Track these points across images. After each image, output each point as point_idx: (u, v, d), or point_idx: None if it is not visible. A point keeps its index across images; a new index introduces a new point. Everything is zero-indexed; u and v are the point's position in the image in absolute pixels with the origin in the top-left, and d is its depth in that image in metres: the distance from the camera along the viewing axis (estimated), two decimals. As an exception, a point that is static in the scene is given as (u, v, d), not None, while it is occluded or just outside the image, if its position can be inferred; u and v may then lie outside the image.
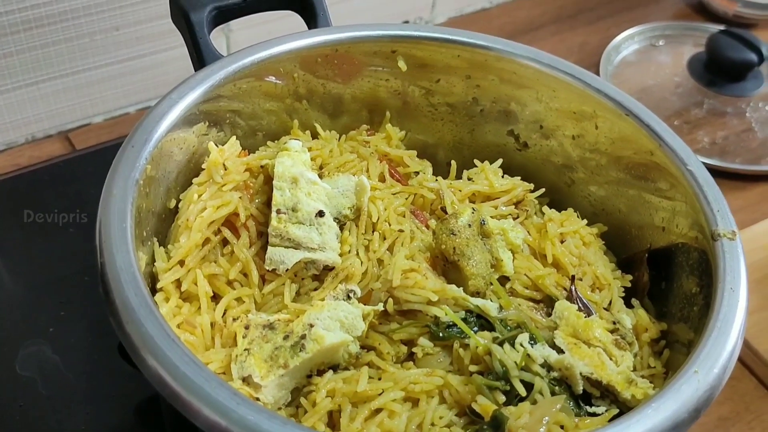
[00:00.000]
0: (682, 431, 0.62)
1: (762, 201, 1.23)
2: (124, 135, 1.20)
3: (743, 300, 0.68)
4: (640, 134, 0.82)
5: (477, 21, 1.50)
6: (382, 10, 1.41)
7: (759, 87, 1.37)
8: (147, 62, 1.27)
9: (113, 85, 1.26)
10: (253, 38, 0.89)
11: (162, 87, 1.30)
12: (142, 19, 1.22)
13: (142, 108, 1.30)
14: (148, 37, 1.25)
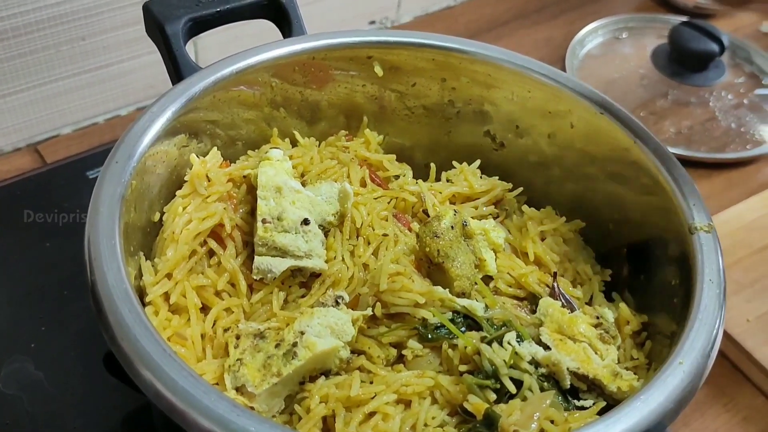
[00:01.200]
0: (669, 421, 0.64)
1: (727, 188, 1.26)
2: (94, 146, 1.22)
3: (721, 291, 0.70)
4: (615, 131, 0.84)
5: (442, 19, 1.51)
6: (349, 10, 1.41)
7: (721, 76, 1.40)
8: (114, 71, 1.26)
9: (81, 96, 1.25)
10: (221, 41, 0.89)
11: (130, 95, 1.29)
12: (108, 28, 1.22)
13: (111, 117, 1.29)
14: (115, 45, 1.24)
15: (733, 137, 1.31)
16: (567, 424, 0.69)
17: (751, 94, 1.39)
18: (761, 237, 1.15)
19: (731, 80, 1.41)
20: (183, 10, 0.85)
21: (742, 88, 1.40)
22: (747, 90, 1.40)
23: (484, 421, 0.68)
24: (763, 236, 1.15)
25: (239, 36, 1.10)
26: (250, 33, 0.95)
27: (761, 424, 0.98)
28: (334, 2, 1.37)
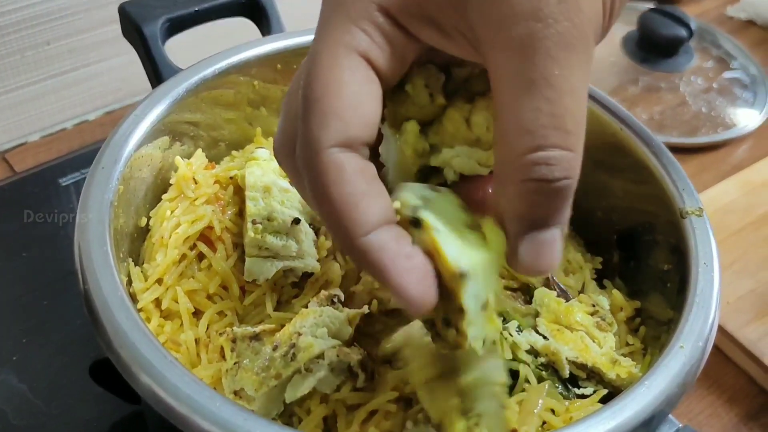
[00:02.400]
0: (673, 405, 0.64)
1: (701, 172, 1.28)
2: (64, 152, 1.20)
3: (717, 273, 0.71)
4: (600, 119, 0.84)
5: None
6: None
7: (690, 61, 1.41)
8: (81, 75, 1.25)
9: (48, 101, 1.23)
10: (189, 37, 0.88)
11: (98, 99, 1.28)
12: (73, 32, 1.20)
13: (79, 122, 1.27)
14: (81, 49, 1.22)
15: (704, 121, 1.33)
16: (568, 413, 0.69)
17: (720, 77, 1.41)
18: (737, 219, 1.17)
19: (700, 65, 1.42)
20: (160, 10, 0.83)
21: (710, 72, 1.42)
22: (715, 74, 1.41)
23: None
24: (738, 218, 1.17)
25: (209, 32, 1.08)
26: (218, 34, 0.94)
27: (745, 405, 0.99)
28: (312, 4, 1.36)
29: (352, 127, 0.50)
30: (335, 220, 0.50)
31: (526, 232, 0.52)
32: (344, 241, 0.51)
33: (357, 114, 0.50)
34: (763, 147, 1.32)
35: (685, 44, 1.39)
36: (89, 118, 1.28)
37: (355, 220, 0.50)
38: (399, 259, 0.50)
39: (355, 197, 0.50)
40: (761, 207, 1.19)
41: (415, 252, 0.51)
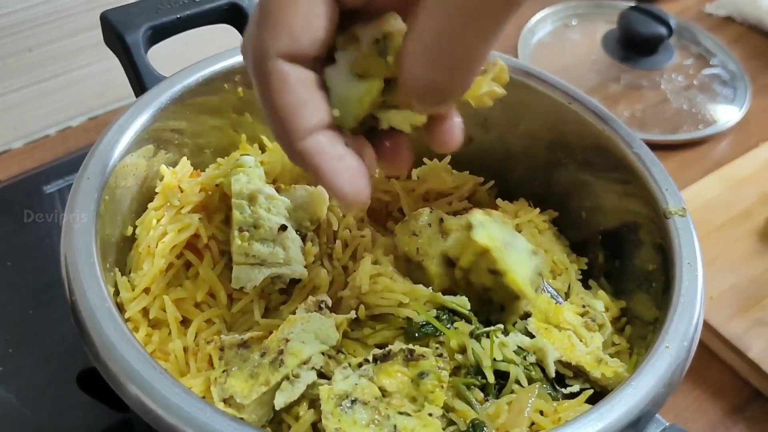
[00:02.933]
0: (660, 405, 0.65)
1: (683, 169, 1.29)
2: (47, 159, 1.19)
3: (701, 273, 0.72)
4: (584, 121, 0.85)
5: (394, 14, 1.50)
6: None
7: (670, 59, 1.43)
8: (63, 81, 1.24)
9: (31, 108, 1.23)
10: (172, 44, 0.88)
11: (81, 105, 1.27)
12: (55, 38, 1.19)
13: (62, 129, 1.27)
14: (63, 55, 1.22)
15: (685, 118, 1.34)
16: (557, 414, 0.70)
17: (700, 74, 1.42)
18: (719, 215, 1.18)
19: (680, 62, 1.43)
20: (142, 18, 0.83)
21: (691, 69, 1.43)
22: (696, 71, 1.43)
23: (471, 429, 0.68)
24: (720, 214, 1.18)
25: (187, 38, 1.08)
26: (202, 40, 0.94)
27: (730, 399, 1.00)
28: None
29: (301, 42, 0.54)
30: (278, 125, 0.56)
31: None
32: (285, 144, 0.57)
33: (307, 31, 0.54)
34: (744, 143, 1.33)
35: (665, 42, 1.41)
36: (72, 124, 1.27)
37: (294, 126, 0.56)
38: (333, 161, 0.57)
39: (296, 105, 0.55)
40: (743, 202, 1.20)
41: (347, 153, 0.58)
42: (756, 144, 1.32)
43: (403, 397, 0.68)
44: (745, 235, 1.16)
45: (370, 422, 0.65)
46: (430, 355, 0.69)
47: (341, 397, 0.66)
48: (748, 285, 1.09)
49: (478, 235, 0.75)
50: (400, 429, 0.65)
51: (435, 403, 0.68)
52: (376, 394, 0.67)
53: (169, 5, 0.84)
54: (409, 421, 0.65)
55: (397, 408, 0.67)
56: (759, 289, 1.08)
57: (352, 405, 0.65)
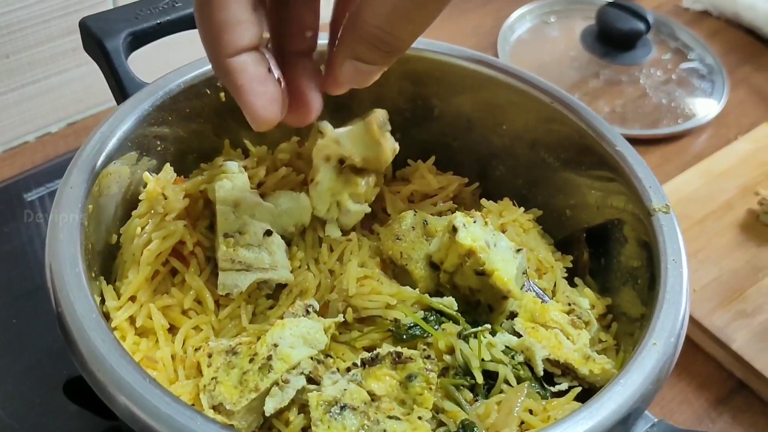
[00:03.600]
0: (648, 402, 0.65)
1: (663, 163, 1.29)
2: (27, 167, 1.18)
3: (685, 269, 0.72)
4: (566, 119, 0.85)
5: (372, 13, 1.50)
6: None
7: (649, 54, 1.43)
8: (42, 87, 1.23)
9: (10, 114, 1.22)
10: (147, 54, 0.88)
11: (60, 111, 1.26)
12: (33, 44, 1.18)
13: (41, 135, 1.26)
14: (41, 61, 1.21)
15: (664, 113, 1.35)
16: (546, 412, 0.70)
17: (678, 69, 1.43)
18: (700, 208, 1.19)
19: (658, 57, 1.44)
20: (122, 24, 0.82)
21: (669, 63, 1.44)
22: (674, 65, 1.44)
23: (462, 430, 0.68)
24: (701, 207, 1.19)
25: (169, 48, 1.08)
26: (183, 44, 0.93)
27: (715, 390, 1.01)
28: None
29: None
30: (209, 39, 0.60)
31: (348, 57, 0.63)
32: (213, 59, 0.60)
33: None
34: (723, 136, 1.35)
35: (643, 37, 1.41)
36: (52, 130, 1.27)
37: (225, 42, 0.59)
38: (254, 83, 0.60)
39: (230, 23, 0.58)
40: (723, 195, 1.21)
41: (269, 78, 0.61)
42: (734, 137, 1.33)
43: (392, 400, 0.68)
44: (726, 227, 1.17)
45: (360, 428, 0.65)
46: (417, 358, 0.70)
47: (330, 404, 0.66)
48: (730, 277, 1.10)
49: (462, 237, 0.75)
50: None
51: (424, 406, 0.68)
52: (365, 398, 0.67)
53: (149, 11, 0.84)
54: (399, 425, 0.65)
55: (387, 412, 0.67)
56: (741, 281, 1.09)
57: (342, 411, 0.65)
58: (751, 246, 1.14)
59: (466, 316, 0.76)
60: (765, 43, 1.53)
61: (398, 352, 0.70)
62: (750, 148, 1.29)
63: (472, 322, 0.76)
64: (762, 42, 1.53)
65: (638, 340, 0.68)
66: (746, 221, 1.18)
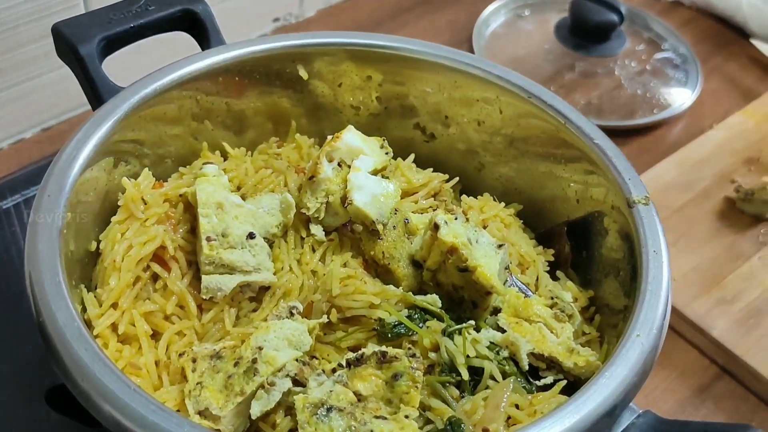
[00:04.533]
0: (634, 394, 0.66)
1: (641, 153, 1.30)
2: (2, 174, 1.17)
3: (666, 260, 0.73)
4: (544, 114, 0.85)
5: (347, 11, 1.50)
6: (250, 10, 1.39)
7: (623, 45, 1.44)
8: (14, 93, 1.22)
9: (-18, 122, 1.20)
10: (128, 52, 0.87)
11: (34, 117, 1.25)
12: (4, 50, 1.17)
13: (15, 141, 1.24)
14: (13, 67, 1.19)
15: (640, 103, 1.36)
16: (532, 407, 0.71)
17: (653, 59, 1.44)
18: (678, 197, 1.20)
19: (632, 48, 1.45)
20: (95, 29, 0.82)
21: (643, 54, 1.44)
22: (648, 56, 1.44)
23: (449, 427, 0.69)
24: (679, 196, 1.20)
25: (144, 51, 1.07)
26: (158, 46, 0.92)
27: (697, 378, 1.02)
28: (235, 3, 1.35)
29: None
30: None
31: None
32: None
33: None
34: (698, 124, 1.35)
35: (616, 29, 1.42)
36: (26, 137, 1.25)
37: None
38: None
39: None
40: (700, 183, 1.22)
41: None
42: (710, 125, 1.34)
43: (379, 400, 0.68)
44: (705, 215, 1.18)
45: (347, 429, 0.65)
46: (402, 356, 0.70)
47: (317, 406, 0.66)
48: (709, 265, 1.11)
49: (444, 234, 0.75)
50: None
51: (410, 404, 0.68)
52: (351, 399, 0.67)
53: (122, 15, 0.83)
54: (386, 424, 0.65)
55: (373, 412, 0.67)
56: (720, 269, 1.10)
57: (328, 413, 0.65)
58: (729, 233, 1.15)
59: (450, 313, 0.76)
60: (737, 32, 1.54)
61: (383, 352, 0.70)
62: (725, 136, 1.30)
63: (456, 319, 0.76)
64: (734, 30, 1.54)
65: (622, 332, 0.69)
66: (724, 209, 1.19)
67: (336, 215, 0.81)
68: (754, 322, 1.04)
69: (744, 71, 1.47)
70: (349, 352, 0.74)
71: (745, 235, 1.16)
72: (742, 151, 1.27)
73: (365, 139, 0.85)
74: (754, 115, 1.34)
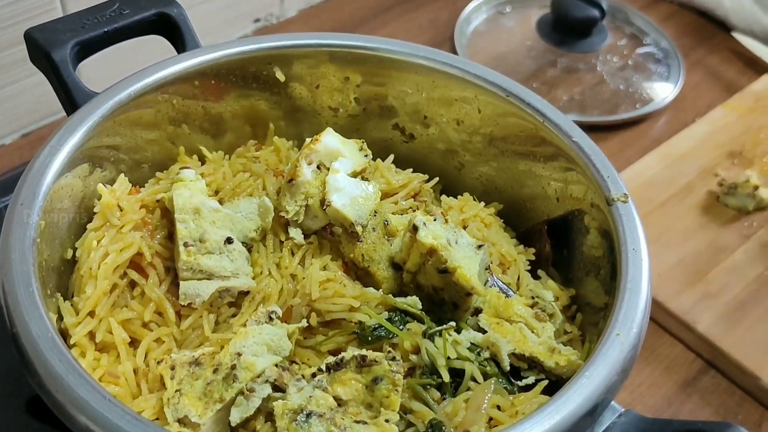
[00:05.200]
0: (614, 393, 0.65)
1: (623, 148, 1.30)
2: (-22, 183, 1.16)
3: (645, 258, 0.72)
4: (522, 113, 0.85)
5: (327, 10, 1.50)
6: (231, 11, 1.39)
7: (604, 40, 1.44)
8: (-7, 99, 1.21)
9: (-38, 129, 1.19)
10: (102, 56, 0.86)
11: (13, 122, 1.24)
12: (-24, 57, 1.16)
13: (-5, 147, 1.24)
14: (-10, 73, 1.18)
15: (622, 98, 1.36)
16: (514, 407, 0.70)
17: (634, 54, 1.44)
18: (661, 192, 1.20)
19: (614, 43, 1.45)
20: (68, 34, 0.81)
21: (625, 49, 1.44)
22: (630, 51, 1.44)
23: (431, 430, 0.68)
24: (662, 191, 1.20)
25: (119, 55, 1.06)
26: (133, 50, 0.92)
27: (682, 372, 1.02)
28: (216, 4, 1.34)
29: None
30: None
31: None
32: None
33: None
34: (680, 119, 1.36)
35: (598, 24, 1.42)
36: (5, 142, 1.24)
37: None
38: None
39: None
40: (683, 178, 1.22)
41: None
42: (692, 119, 1.34)
43: (359, 404, 0.68)
44: (688, 210, 1.18)
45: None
46: (382, 360, 0.69)
47: (296, 412, 0.65)
48: (693, 259, 1.11)
49: (423, 236, 0.75)
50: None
51: (391, 408, 0.67)
52: (331, 404, 0.67)
53: (96, 19, 0.82)
54: (366, 429, 0.65)
55: (354, 417, 0.66)
56: (704, 263, 1.10)
57: (308, 419, 0.65)
58: (713, 227, 1.16)
59: (431, 314, 0.76)
60: (718, 25, 1.54)
61: (363, 356, 0.69)
62: (707, 130, 1.30)
63: (437, 321, 0.75)
64: (715, 24, 1.54)
65: (602, 331, 0.68)
66: (707, 203, 1.19)
67: (315, 218, 0.81)
68: (739, 316, 1.04)
69: (726, 65, 1.47)
70: (330, 356, 0.74)
71: (728, 228, 1.16)
72: (725, 145, 1.27)
73: (344, 142, 0.85)
74: (737, 108, 1.34)
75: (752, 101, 1.36)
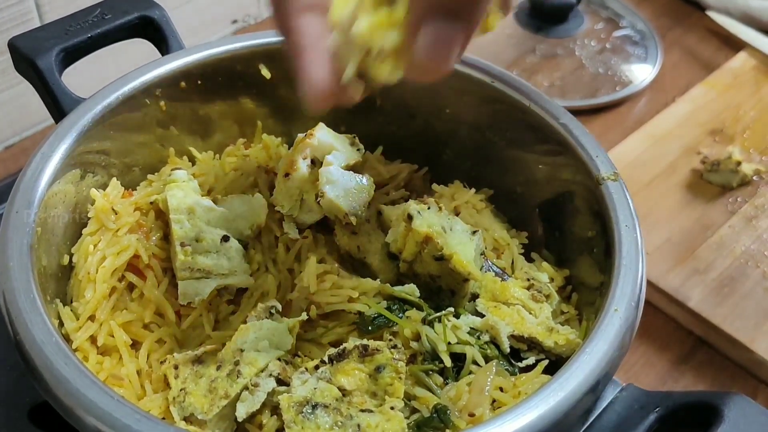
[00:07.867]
0: (615, 368, 0.66)
1: (606, 132, 1.31)
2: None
3: (639, 234, 0.73)
4: (509, 98, 0.85)
5: (305, 8, 1.49)
6: (208, 13, 1.38)
7: (581, 25, 1.45)
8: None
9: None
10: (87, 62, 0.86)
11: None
12: (-40, 69, 1.15)
13: (-24, 159, 1.23)
14: (-31, 83, 1.18)
15: (602, 82, 1.37)
16: (516, 388, 0.71)
17: (612, 37, 1.45)
18: (646, 172, 1.21)
19: (591, 27, 1.46)
20: (53, 41, 0.81)
21: (602, 33, 1.45)
22: (607, 34, 1.45)
23: (435, 414, 0.69)
24: (647, 171, 1.21)
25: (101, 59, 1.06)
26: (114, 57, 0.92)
27: (676, 350, 1.03)
28: (193, 7, 1.34)
29: None
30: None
31: (430, 18, 0.58)
32: (276, 16, 0.59)
33: None
34: (660, 99, 1.37)
35: (574, 9, 1.43)
36: (-7, 153, 1.24)
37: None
38: (315, 47, 0.58)
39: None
40: (666, 157, 1.23)
41: (326, 57, 0.59)
42: (672, 99, 1.35)
43: (363, 393, 0.68)
44: (673, 188, 1.19)
45: (334, 425, 0.65)
46: (384, 348, 0.70)
47: (302, 404, 0.66)
48: (681, 237, 1.12)
49: (418, 225, 0.75)
50: (364, 428, 0.65)
51: (395, 395, 0.68)
52: (336, 395, 0.67)
53: (79, 25, 0.82)
54: (372, 417, 0.65)
55: (359, 406, 0.67)
56: (692, 240, 1.12)
57: (314, 410, 0.65)
58: (698, 204, 1.17)
59: (429, 302, 0.77)
60: (693, 5, 1.55)
61: (364, 345, 0.70)
62: (688, 109, 1.31)
63: (435, 308, 0.76)
64: (690, 3, 1.56)
65: (599, 308, 0.69)
66: (691, 181, 1.20)
67: (311, 212, 0.81)
68: (728, 291, 1.05)
69: (703, 43, 1.48)
70: (331, 347, 0.74)
71: (713, 205, 1.17)
72: (706, 123, 1.29)
73: (336, 136, 0.85)
74: (716, 86, 1.36)
75: (730, 78, 1.37)
